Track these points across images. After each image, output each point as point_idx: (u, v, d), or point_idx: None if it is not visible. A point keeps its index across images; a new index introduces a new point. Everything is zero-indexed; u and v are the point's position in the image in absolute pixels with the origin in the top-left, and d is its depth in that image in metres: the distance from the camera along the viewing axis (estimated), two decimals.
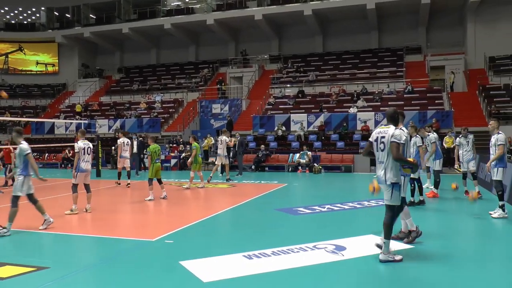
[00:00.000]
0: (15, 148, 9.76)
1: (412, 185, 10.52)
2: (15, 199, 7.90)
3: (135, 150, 19.97)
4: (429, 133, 12.98)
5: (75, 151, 10.02)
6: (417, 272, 5.61)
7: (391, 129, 6.02)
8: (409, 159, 6.15)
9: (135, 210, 10.82)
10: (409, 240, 6.83)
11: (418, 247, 6.58)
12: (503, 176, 9.07)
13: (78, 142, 10.13)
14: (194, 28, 37.73)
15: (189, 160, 14.81)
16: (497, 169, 9.01)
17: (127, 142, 16.66)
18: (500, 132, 9.11)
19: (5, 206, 11.13)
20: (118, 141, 16.64)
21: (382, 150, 6.04)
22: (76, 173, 9.93)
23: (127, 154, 16.51)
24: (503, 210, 8.92)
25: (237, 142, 20.36)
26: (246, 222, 9.24)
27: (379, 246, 6.06)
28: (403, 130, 6.43)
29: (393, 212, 6.05)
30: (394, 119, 6.17)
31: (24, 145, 8.05)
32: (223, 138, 17.38)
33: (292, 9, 32.90)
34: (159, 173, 12.30)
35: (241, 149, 19.98)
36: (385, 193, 6.08)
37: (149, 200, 11.88)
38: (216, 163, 17.71)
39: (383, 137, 6.03)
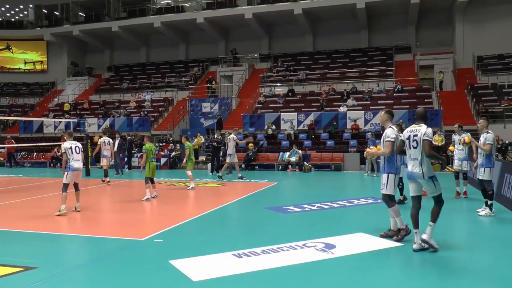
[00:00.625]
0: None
1: (400, 184, 10.57)
2: None
3: (115, 149, 19.92)
4: None
5: (62, 151, 10.00)
6: (406, 270, 5.65)
7: (423, 127, 6.37)
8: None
9: (124, 209, 10.77)
10: (398, 238, 6.88)
11: (407, 245, 6.62)
12: (491, 176, 9.16)
13: (65, 142, 10.06)
14: (184, 26, 37.61)
15: (184, 161, 14.70)
16: (484, 169, 9.10)
17: (108, 141, 17.10)
18: (489, 131, 9.18)
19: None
20: (100, 140, 16.95)
21: (415, 148, 6.37)
22: (67, 172, 9.83)
23: (108, 153, 17.04)
24: (491, 209, 9.04)
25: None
26: (236, 221, 9.25)
27: (424, 241, 6.30)
28: (393, 128, 6.60)
29: (441, 200, 6.35)
30: (425, 118, 6.55)
31: None
32: (231, 136, 17.40)
33: (282, 8, 32.89)
34: (154, 172, 12.24)
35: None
36: (427, 187, 6.38)
37: (146, 199, 11.78)
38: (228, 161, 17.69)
39: (415, 135, 6.38)
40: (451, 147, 12.33)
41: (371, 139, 18.57)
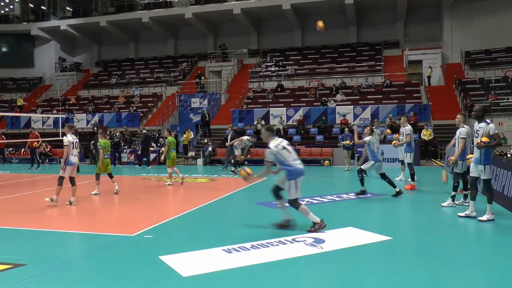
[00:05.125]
0: None
1: (360, 175, 11.10)
2: None
3: None
4: (406, 125, 13.33)
5: (65, 144, 10.09)
6: (395, 264, 5.69)
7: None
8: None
9: (113, 205, 10.74)
10: (310, 230, 7.20)
11: (396, 238, 6.67)
12: (462, 169, 9.32)
13: (67, 136, 10.15)
14: (172, 21, 37.46)
15: (162, 157, 14.58)
16: (462, 162, 9.27)
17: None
18: (464, 126, 9.32)
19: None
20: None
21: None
22: (65, 166, 10.06)
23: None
24: (453, 200, 9.42)
25: (229, 136, 20.22)
26: (226, 216, 9.25)
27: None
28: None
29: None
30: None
31: None
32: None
33: (270, 3, 32.91)
34: (109, 168, 12.17)
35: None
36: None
37: (95, 194, 11.84)
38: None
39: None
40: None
41: (348, 134, 19.09)
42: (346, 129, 20.19)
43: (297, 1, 32.09)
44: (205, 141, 24.43)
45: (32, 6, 41.39)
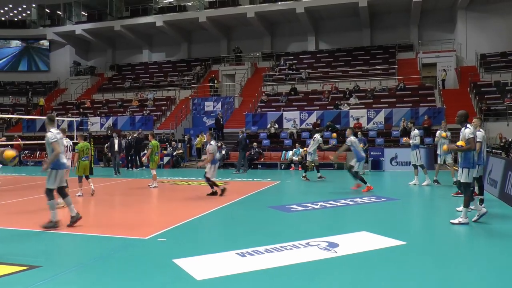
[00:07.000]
0: None
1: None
2: None
3: (116, 148, 20.33)
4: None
5: None
6: (409, 269, 5.64)
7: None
8: None
9: (127, 208, 10.78)
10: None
11: (410, 243, 6.61)
12: (477, 174, 9.29)
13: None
14: (186, 25, 37.62)
15: (143, 159, 14.84)
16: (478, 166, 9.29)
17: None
18: (480, 129, 9.33)
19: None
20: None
21: None
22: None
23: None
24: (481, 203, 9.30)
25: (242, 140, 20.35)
26: (239, 219, 9.25)
27: None
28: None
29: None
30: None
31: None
32: (316, 136, 16.88)
33: (284, 7, 32.89)
34: (86, 170, 12.47)
35: (241, 147, 20.02)
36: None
37: (79, 196, 12.05)
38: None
39: None
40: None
41: (361, 138, 19.12)
42: (359, 133, 20.13)
43: (310, 4, 32.05)
44: (219, 144, 24.45)
45: (48, 11, 41.94)
